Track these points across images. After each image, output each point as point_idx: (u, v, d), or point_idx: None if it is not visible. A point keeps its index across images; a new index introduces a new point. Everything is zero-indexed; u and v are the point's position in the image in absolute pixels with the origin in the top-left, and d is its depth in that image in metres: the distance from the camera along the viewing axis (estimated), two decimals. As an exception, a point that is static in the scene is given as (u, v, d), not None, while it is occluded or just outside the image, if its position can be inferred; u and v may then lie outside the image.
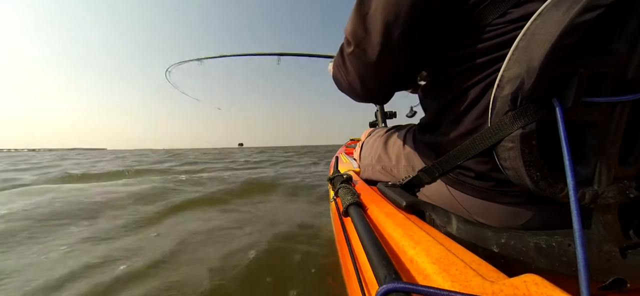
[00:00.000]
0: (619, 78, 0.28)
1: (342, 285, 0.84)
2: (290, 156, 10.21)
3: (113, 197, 2.22)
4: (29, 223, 1.58)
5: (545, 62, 0.27)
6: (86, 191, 2.54)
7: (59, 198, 2.18)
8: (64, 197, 2.24)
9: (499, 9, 0.34)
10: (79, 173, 4.33)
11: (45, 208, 1.89)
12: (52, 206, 1.94)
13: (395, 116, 1.43)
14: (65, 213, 1.80)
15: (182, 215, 1.81)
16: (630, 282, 0.29)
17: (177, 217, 1.77)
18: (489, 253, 0.34)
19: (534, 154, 0.31)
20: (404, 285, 0.23)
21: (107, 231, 1.49)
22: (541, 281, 0.23)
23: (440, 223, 0.40)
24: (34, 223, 1.59)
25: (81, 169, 5.15)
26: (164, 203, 2.06)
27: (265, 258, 1.14)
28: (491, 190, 0.39)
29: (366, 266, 0.32)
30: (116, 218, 1.71)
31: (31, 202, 2.03)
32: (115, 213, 1.83)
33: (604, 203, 0.30)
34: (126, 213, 1.84)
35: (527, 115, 0.30)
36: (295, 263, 1.10)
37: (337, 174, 0.78)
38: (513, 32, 0.33)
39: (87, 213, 1.81)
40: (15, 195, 2.41)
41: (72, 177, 4.06)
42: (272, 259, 1.14)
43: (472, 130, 0.39)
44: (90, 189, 2.64)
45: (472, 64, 0.38)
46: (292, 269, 1.06)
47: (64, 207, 1.91)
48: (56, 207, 1.92)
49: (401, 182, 0.54)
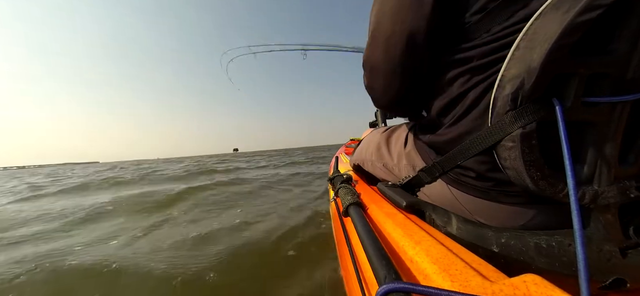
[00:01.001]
0: (619, 78, 0.28)
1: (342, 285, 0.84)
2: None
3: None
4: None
5: (545, 62, 0.27)
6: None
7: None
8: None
9: (501, 16, 0.35)
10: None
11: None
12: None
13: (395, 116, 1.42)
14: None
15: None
16: (630, 282, 0.29)
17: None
18: (489, 253, 0.34)
19: (534, 154, 0.31)
20: (404, 285, 0.23)
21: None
22: (541, 281, 0.23)
23: (440, 223, 0.40)
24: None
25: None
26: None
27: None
28: (491, 190, 0.39)
29: (366, 266, 0.32)
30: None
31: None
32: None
33: (604, 203, 0.30)
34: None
35: (527, 115, 0.30)
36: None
37: (337, 174, 0.78)
38: (513, 33, 0.33)
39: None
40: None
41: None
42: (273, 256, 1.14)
43: (472, 129, 0.39)
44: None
45: (472, 65, 0.38)
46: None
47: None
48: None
49: (401, 182, 0.54)
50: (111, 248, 1.34)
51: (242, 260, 1.13)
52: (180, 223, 1.74)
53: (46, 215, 2.18)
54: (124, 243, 1.41)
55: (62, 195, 3.51)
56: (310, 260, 1.11)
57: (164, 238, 1.43)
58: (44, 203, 2.86)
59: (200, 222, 1.73)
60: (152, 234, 1.55)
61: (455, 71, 0.41)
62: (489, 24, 0.36)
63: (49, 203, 2.83)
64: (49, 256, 1.24)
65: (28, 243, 1.51)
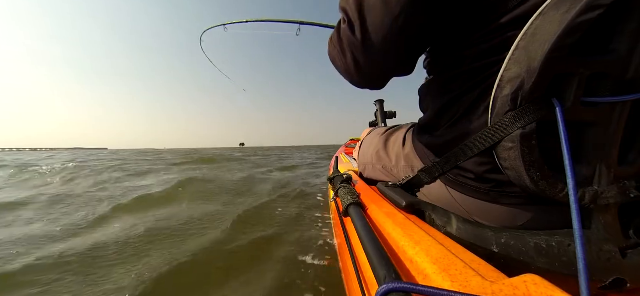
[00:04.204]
0: (619, 79, 0.28)
1: (342, 285, 0.84)
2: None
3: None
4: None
5: (545, 62, 0.27)
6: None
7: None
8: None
9: (502, 8, 0.34)
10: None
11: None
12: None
13: (395, 116, 1.43)
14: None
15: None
16: (630, 282, 0.29)
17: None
18: (489, 253, 0.34)
19: (534, 154, 0.31)
20: (404, 285, 0.23)
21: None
22: (541, 281, 0.23)
23: (440, 223, 0.40)
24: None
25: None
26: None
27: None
28: (491, 191, 0.39)
29: (366, 266, 0.32)
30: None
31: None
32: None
33: (604, 203, 0.30)
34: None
35: (527, 115, 0.30)
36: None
37: (337, 174, 0.78)
38: (513, 32, 0.33)
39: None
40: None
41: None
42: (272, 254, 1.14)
43: (472, 130, 0.39)
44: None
45: (472, 65, 0.38)
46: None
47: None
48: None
49: (401, 182, 0.54)
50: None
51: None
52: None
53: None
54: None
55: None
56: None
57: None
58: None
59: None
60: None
61: (454, 71, 0.41)
62: (487, 22, 0.36)
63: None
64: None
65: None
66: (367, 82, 0.51)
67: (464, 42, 0.39)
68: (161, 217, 1.65)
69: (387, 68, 0.47)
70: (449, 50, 0.42)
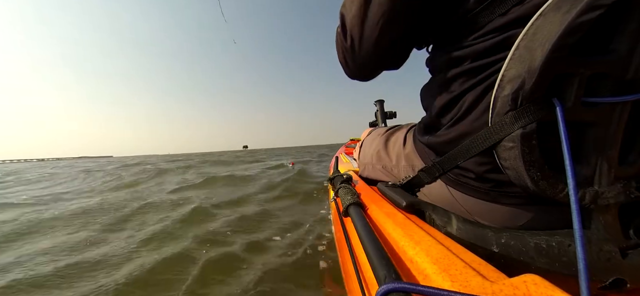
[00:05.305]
0: (619, 79, 0.28)
1: (342, 285, 0.84)
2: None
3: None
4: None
5: (546, 62, 0.27)
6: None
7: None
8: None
9: (499, 8, 0.34)
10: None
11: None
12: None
13: (395, 116, 1.43)
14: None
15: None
16: (630, 282, 0.29)
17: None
18: (489, 253, 0.34)
19: (534, 154, 0.31)
20: (404, 285, 0.23)
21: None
22: (541, 281, 0.23)
23: (440, 223, 0.40)
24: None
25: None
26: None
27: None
28: (491, 191, 0.39)
29: (366, 266, 0.32)
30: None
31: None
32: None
33: (604, 203, 0.30)
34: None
35: (527, 115, 0.30)
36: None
37: (337, 174, 0.78)
38: (513, 32, 0.33)
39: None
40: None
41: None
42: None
43: (472, 130, 0.39)
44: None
45: (472, 65, 0.38)
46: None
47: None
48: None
49: (401, 182, 0.54)
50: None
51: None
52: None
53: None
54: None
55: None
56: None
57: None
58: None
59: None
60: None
61: (454, 71, 0.41)
62: (486, 21, 0.36)
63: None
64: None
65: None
66: (356, 77, 0.59)
67: (464, 43, 0.39)
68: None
69: (374, 68, 0.53)
70: (448, 49, 0.42)
